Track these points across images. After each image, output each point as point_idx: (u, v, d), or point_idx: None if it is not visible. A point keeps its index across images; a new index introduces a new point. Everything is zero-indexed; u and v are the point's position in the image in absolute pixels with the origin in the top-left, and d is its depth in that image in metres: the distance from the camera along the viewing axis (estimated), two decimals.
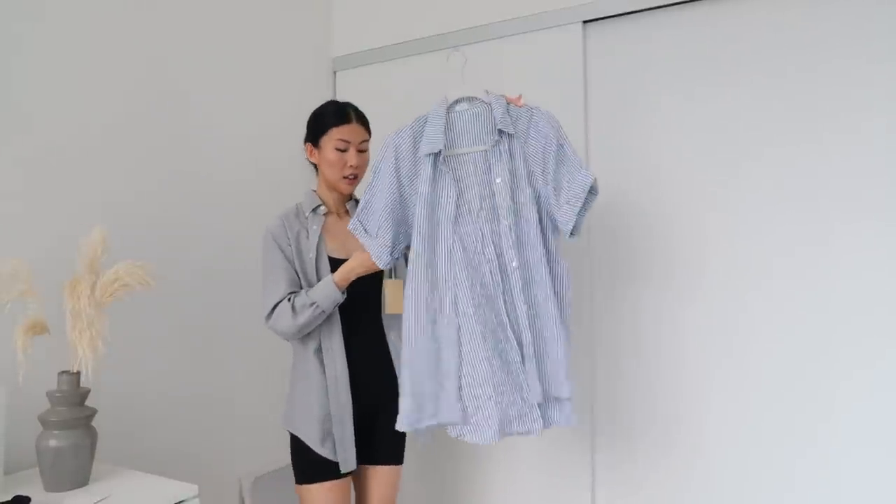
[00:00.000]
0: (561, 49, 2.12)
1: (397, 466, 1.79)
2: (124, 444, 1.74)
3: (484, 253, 1.53)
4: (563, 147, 1.56)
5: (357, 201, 1.76)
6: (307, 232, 1.70)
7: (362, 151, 1.72)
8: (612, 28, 2.08)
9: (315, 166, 1.78)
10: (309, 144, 1.75)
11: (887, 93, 1.72)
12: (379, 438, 1.74)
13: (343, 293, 1.62)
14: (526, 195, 1.54)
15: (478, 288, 1.52)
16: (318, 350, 1.67)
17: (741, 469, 1.89)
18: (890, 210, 1.72)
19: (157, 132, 1.96)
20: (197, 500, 1.42)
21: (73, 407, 1.41)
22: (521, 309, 1.51)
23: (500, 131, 1.55)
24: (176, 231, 2.00)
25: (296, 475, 1.69)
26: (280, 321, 1.61)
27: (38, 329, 1.39)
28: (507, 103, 1.60)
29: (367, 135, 1.74)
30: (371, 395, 1.68)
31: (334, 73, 2.62)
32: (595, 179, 1.50)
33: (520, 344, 1.51)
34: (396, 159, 1.57)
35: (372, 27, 2.53)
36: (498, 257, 1.53)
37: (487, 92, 1.60)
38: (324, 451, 1.64)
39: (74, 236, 1.46)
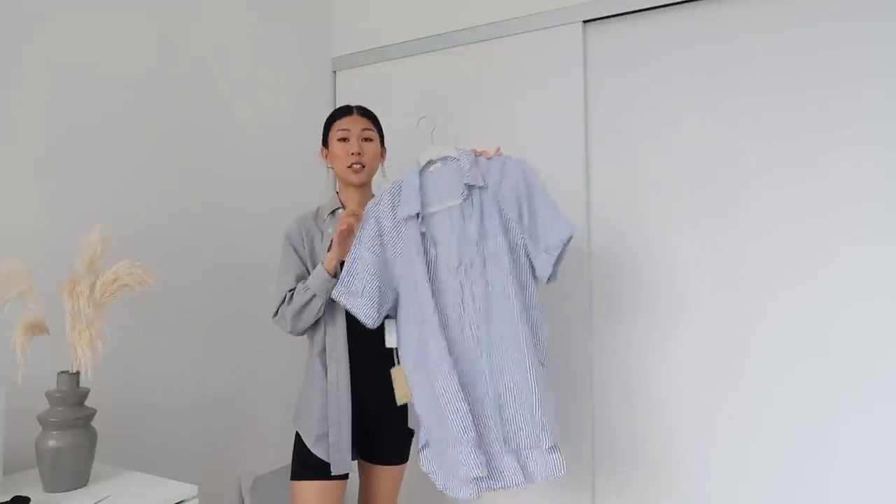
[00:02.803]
0: (561, 49, 2.12)
1: (403, 465, 1.83)
2: (124, 444, 1.74)
3: (463, 307, 1.55)
4: (535, 196, 1.57)
5: None
6: (322, 234, 1.73)
7: (368, 140, 1.75)
8: (612, 28, 2.08)
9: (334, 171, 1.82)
10: (323, 148, 1.81)
11: (890, 102, 1.72)
12: (387, 442, 1.77)
13: (334, 277, 1.62)
14: (500, 244, 1.54)
15: (455, 342, 1.54)
16: (322, 352, 1.70)
17: None
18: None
19: (156, 131, 1.96)
20: (197, 500, 1.42)
21: (73, 407, 1.40)
22: (494, 360, 1.51)
23: (469, 185, 1.57)
24: (176, 231, 2.00)
25: (292, 470, 1.72)
26: (281, 312, 1.68)
27: (37, 329, 1.39)
28: (476, 156, 1.62)
29: (370, 125, 1.77)
30: (376, 400, 1.68)
31: (334, 73, 2.62)
32: (571, 234, 1.52)
33: (494, 396, 1.51)
34: (378, 223, 1.60)
35: (372, 27, 2.52)
36: (474, 310, 1.54)
37: (457, 148, 1.63)
38: (317, 451, 1.66)
39: (74, 236, 1.46)
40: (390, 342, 1.62)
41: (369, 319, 1.57)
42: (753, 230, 1.87)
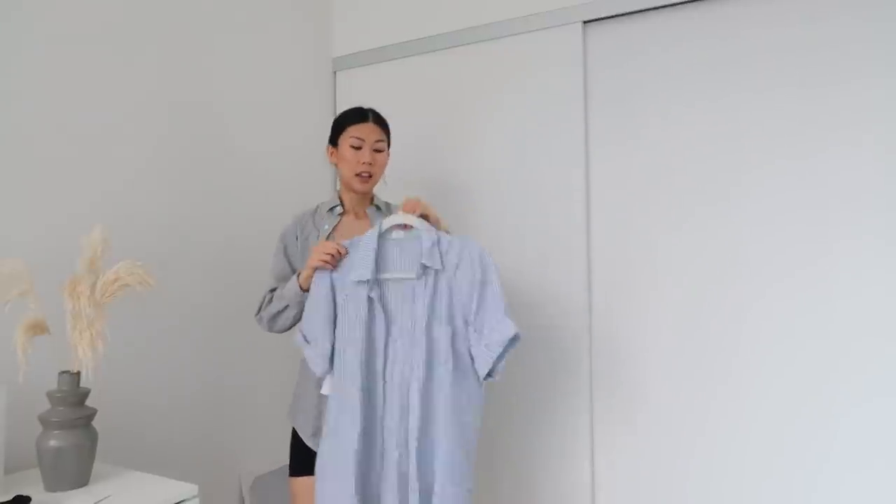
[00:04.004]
0: (561, 49, 2.12)
1: None
2: (124, 444, 1.74)
3: (402, 375, 1.53)
4: (487, 287, 1.55)
5: (379, 207, 1.80)
6: (318, 233, 1.74)
7: (378, 151, 1.76)
8: (612, 28, 2.08)
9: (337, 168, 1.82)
10: (330, 146, 1.81)
11: (889, 101, 1.71)
12: None
13: (306, 291, 1.62)
14: (441, 331, 1.53)
15: (380, 407, 1.54)
16: None
17: None
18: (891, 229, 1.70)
19: (156, 131, 1.96)
20: (197, 500, 1.42)
21: (74, 407, 1.41)
22: (413, 444, 1.49)
23: (425, 266, 1.55)
24: (176, 231, 2.00)
25: (290, 467, 1.74)
26: (261, 313, 1.72)
27: (38, 329, 1.39)
28: (438, 234, 1.59)
29: (383, 135, 1.78)
30: None
31: (334, 73, 2.62)
32: (517, 333, 1.50)
33: (404, 476, 1.50)
34: (331, 274, 1.59)
35: (372, 27, 2.53)
36: (408, 383, 1.52)
37: (421, 221, 1.60)
38: (312, 445, 1.68)
39: (74, 236, 1.46)
40: (325, 389, 1.60)
41: (318, 369, 1.57)
42: (753, 227, 1.87)
